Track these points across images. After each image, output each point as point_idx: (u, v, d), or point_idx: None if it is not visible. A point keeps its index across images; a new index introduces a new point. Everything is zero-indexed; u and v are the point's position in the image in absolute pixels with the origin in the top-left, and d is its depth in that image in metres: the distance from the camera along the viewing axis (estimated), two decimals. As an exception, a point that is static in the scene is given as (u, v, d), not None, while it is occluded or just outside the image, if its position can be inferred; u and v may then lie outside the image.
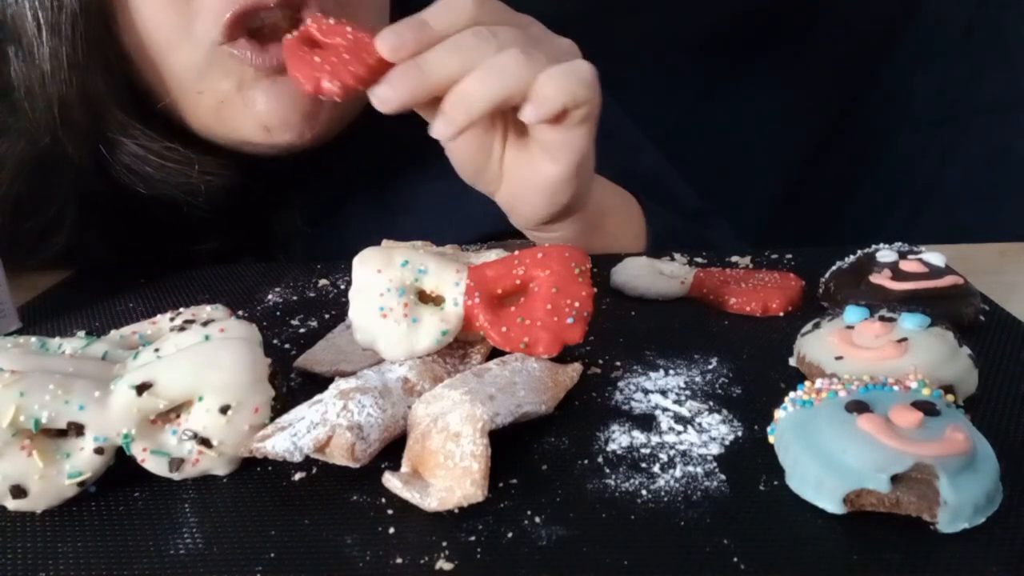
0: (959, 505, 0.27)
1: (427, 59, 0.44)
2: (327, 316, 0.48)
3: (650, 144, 0.75)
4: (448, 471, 0.29)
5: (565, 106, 0.45)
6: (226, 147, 0.55)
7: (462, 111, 0.44)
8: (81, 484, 0.31)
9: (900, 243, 0.47)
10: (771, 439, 0.32)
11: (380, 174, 0.63)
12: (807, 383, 0.33)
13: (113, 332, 0.37)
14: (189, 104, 0.53)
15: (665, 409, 0.36)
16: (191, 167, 0.53)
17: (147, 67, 0.51)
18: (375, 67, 0.44)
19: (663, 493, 0.30)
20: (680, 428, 0.34)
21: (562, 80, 0.44)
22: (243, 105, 0.52)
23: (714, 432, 0.34)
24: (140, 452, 0.31)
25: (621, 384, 0.38)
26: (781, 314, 0.45)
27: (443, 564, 0.27)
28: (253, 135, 0.53)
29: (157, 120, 0.53)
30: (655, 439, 0.33)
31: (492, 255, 0.39)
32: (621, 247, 0.58)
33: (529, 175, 0.50)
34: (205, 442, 0.31)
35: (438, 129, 0.45)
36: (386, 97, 0.44)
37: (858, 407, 0.29)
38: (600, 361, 0.40)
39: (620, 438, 0.34)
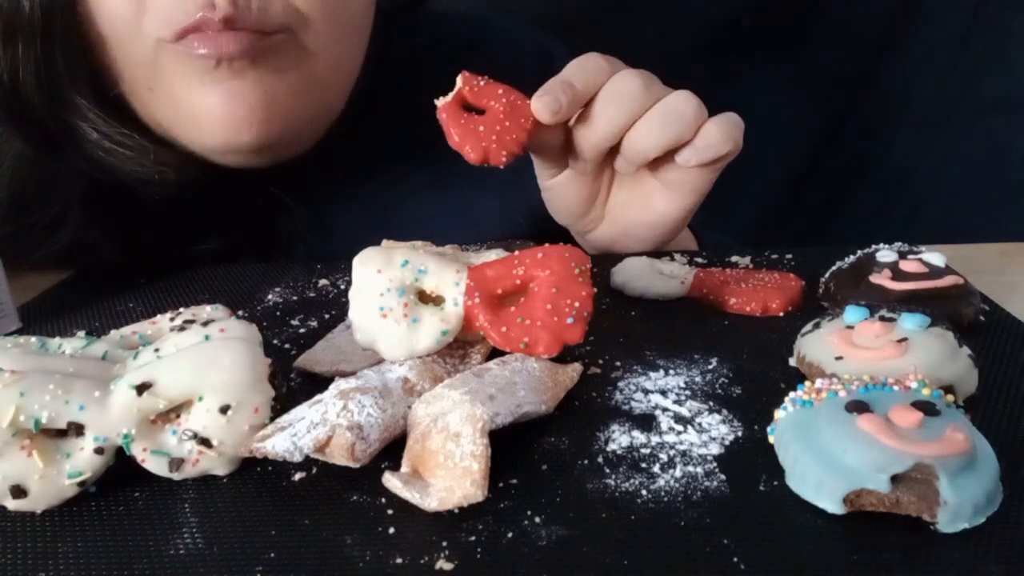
0: (959, 505, 0.27)
1: (595, 121, 0.47)
2: (327, 316, 0.48)
3: None
4: (448, 471, 0.29)
5: (728, 154, 0.47)
6: (196, 154, 0.55)
7: (639, 154, 0.48)
8: (81, 484, 0.31)
9: (900, 243, 0.47)
10: (771, 439, 0.32)
11: (380, 175, 0.63)
12: (807, 383, 0.33)
13: (113, 332, 0.37)
14: (143, 101, 0.52)
15: (665, 409, 0.36)
16: (145, 157, 0.52)
17: (101, 53, 0.50)
18: (531, 130, 0.47)
19: (663, 493, 0.30)
20: (680, 428, 0.34)
21: (728, 128, 0.47)
22: (196, 104, 0.50)
23: (714, 432, 0.34)
24: (140, 452, 0.31)
25: (621, 384, 0.38)
26: (781, 314, 0.45)
27: (443, 564, 0.27)
28: (209, 136, 0.52)
29: (116, 107, 0.52)
30: (655, 439, 0.33)
31: (492, 255, 0.39)
32: None
33: (640, 214, 0.52)
34: (205, 442, 0.31)
35: (620, 166, 0.50)
36: (584, 169, 0.50)
37: (858, 407, 0.29)
38: (600, 361, 0.40)
39: (620, 438, 0.34)
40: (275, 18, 0.49)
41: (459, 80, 0.47)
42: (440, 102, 0.47)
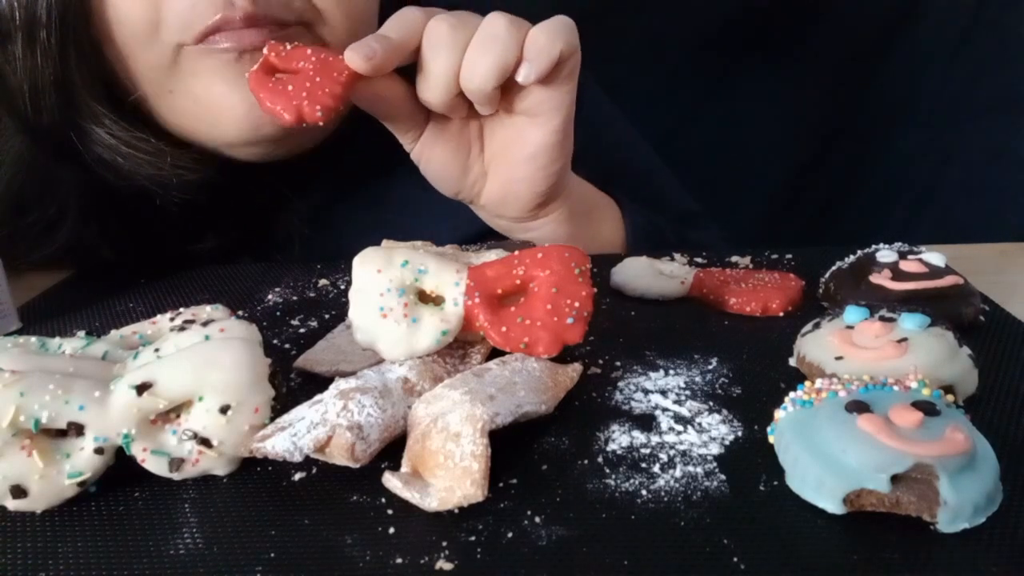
0: (959, 505, 0.27)
1: (425, 70, 0.46)
2: (327, 316, 0.48)
3: (645, 144, 0.75)
4: (448, 471, 0.29)
5: (561, 55, 0.46)
6: (213, 152, 0.55)
7: (478, 91, 0.46)
8: (81, 484, 0.31)
9: (900, 243, 0.47)
10: (771, 439, 0.32)
11: (379, 174, 0.63)
12: (807, 383, 0.33)
13: (113, 332, 0.37)
14: (164, 105, 0.53)
15: (665, 409, 0.36)
16: (163, 160, 0.52)
17: (119, 60, 0.51)
18: (347, 83, 0.45)
19: (663, 493, 0.30)
20: (680, 428, 0.34)
21: (553, 30, 0.45)
22: (218, 101, 0.51)
23: (714, 432, 0.34)
24: (140, 452, 0.31)
25: (621, 384, 0.38)
26: (781, 314, 0.45)
27: (443, 564, 0.27)
28: (232, 131, 0.52)
29: (131, 111, 0.52)
30: (655, 439, 0.33)
31: (492, 255, 0.39)
32: (604, 242, 0.59)
33: (517, 152, 0.50)
34: (205, 442, 0.31)
35: (480, 109, 0.48)
36: (447, 118, 0.49)
37: (858, 407, 0.29)
38: (600, 361, 0.40)
39: (620, 438, 0.34)
40: (292, 16, 0.50)
41: (265, 49, 0.46)
42: (250, 72, 0.46)
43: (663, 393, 0.37)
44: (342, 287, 0.53)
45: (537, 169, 0.51)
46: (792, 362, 0.39)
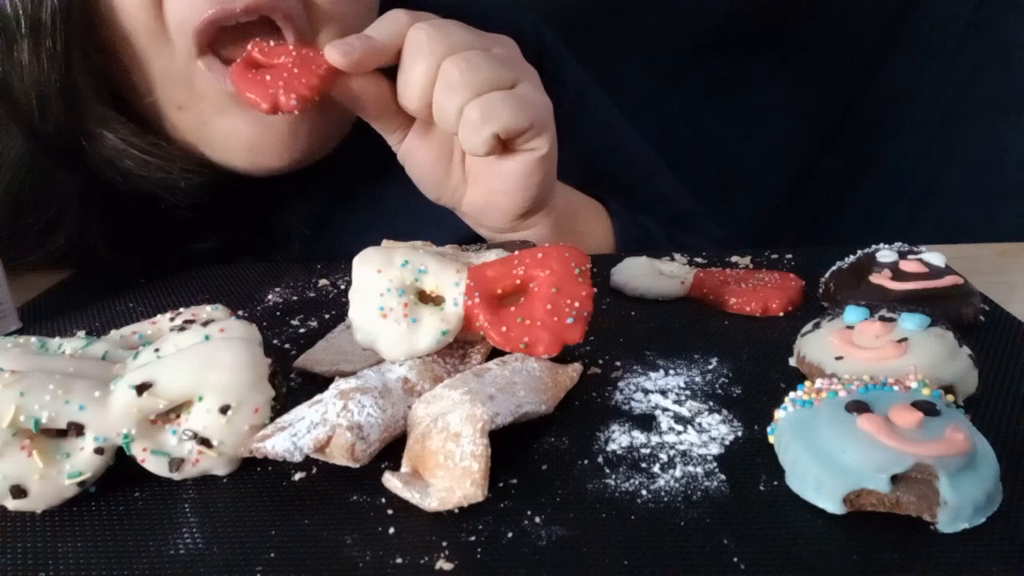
0: (959, 505, 0.27)
1: (404, 77, 0.46)
2: (327, 316, 0.48)
3: (645, 144, 0.75)
4: (448, 471, 0.29)
5: (507, 132, 0.46)
6: (213, 167, 0.55)
7: (447, 130, 0.47)
8: (81, 484, 0.31)
9: (900, 243, 0.47)
10: (771, 439, 0.32)
11: (379, 175, 0.63)
12: (807, 383, 0.33)
13: (113, 332, 0.37)
14: (171, 119, 0.53)
15: (665, 409, 0.36)
16: (172, 164, 0.53)
17: (129, 64, 0.51)
18: (325, 77, 0.45)
19: (663, 493, 0.30)
20: (680, 428, 0.34)
21: (492, 110, 0.45)
22: (225, 129, 0.52)
23: (714, 432, 0.34)
24: (140, 452, 0.31)
25: (621, 384, 0.38)
26: (781, 314, 0.45)
27: (443, 564, 0.27)
28: (236, 159, 0.53)
29: (139, 116, 0.53)
30: (655, 439, 0.33)
31: (492, 255, 0.39)
32: (591, 248, 0.58)
33: (497, 165, 0.50)
34: (205, 442, 0.31)
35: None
36: (410, 108, 0.48)
37: (858, 407, 0.29)
38: (600, 361, 0.40)
39: (620, 438, 0.34)
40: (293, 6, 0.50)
41: (249, 46, 0.47)
42: (233, 65, 0.47)
43: (663, 393, 0.37)
44: (342, 287, 0.53)
45: (517, 183, 0.51)
46: (792, 362, 0.39)
